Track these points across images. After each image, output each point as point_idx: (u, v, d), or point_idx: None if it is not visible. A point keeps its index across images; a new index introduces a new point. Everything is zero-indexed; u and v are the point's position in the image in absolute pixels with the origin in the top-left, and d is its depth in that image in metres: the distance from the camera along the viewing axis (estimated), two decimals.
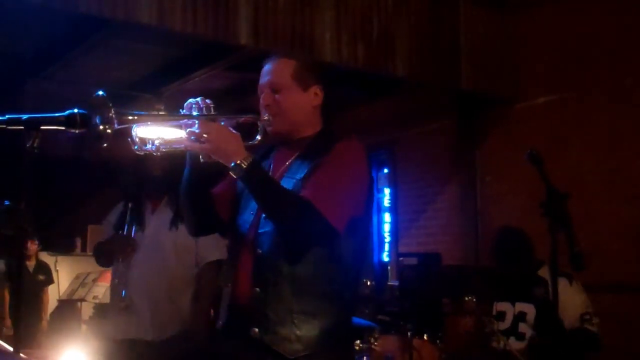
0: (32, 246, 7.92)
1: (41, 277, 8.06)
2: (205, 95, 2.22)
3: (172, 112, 2.23)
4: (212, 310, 3.79)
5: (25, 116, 2.09)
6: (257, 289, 2.19)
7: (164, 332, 3.55)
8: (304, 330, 2.15)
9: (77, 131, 2.13)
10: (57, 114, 2.15)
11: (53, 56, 5.81)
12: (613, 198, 5.47)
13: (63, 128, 2.14)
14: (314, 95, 2.35)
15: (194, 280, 3.67)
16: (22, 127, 2.08)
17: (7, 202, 2.09)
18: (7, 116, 2.12)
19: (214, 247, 3.62)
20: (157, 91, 6.45)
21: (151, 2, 4.45)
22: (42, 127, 2.13)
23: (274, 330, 2.16)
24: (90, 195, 8.81)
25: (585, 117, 5.76)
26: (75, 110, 2.12)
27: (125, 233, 3.65)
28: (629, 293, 5.18)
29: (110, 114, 1.94)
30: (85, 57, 5.69)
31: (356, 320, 4.41)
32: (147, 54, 5.89)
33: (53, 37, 5.44)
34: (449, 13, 5.98)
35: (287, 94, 2.30)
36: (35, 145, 2.09)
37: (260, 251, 2.23)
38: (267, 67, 2.35)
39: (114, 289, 3.76)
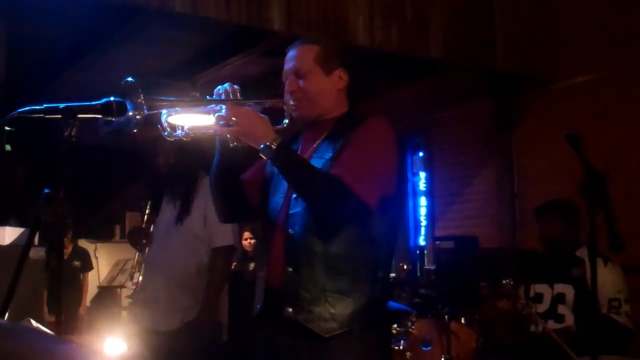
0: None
1: (77, 264, 8.10)
2: (239, 82, 2.24)
3: (193, 97, 2.25)
4: (227, 297, 3.82)
5: (62, 105, 2.12)
6: (290, 269, 2.22)
7: (178, 321, 3.58)
8: (338, 308, 2.17)
9: (113, 119, 2.16)
10: (93, 103, 2.18)
11: (88, 45, 5.87)
12: None
13: (99, 116, 2.17)
14: (338, 79, 2.37)
15: (208, 268, 3.71)
16: (60, 116, 2.11)
17: (46, 191, 2.11)
18: (44, 105, 2.15)
19: (223, 233, 3.65)
20: (192, 79, 6.48)
21: None
22: (79, 116, 2.16)
23: (308, 309, 2.18)
24: (128, 182, 8.91)
25: (625, 95, 5.64)
26: (112, 98, 2.14)
27: (143, 224, 3.74)
28: None
29: (140, 100, 1.96)
30: (119, 46, 5.73)
31: (393, 304, 4.42)
32: (180, 42, 5.92)
33: (88, 26, 5.49)
34: None
35: (311, 79, 2.32)
36: (72, 133, 2.12)
37: (291, 231, 2.25)
38: (290, 53, 2.38)
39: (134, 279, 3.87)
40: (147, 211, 3.75)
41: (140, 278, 3.73)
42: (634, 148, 5.49)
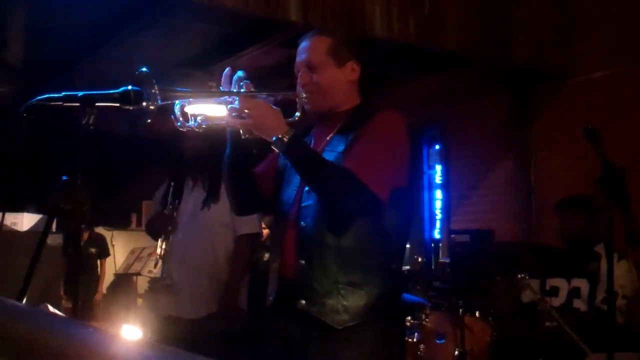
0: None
1: (93, 250, 8.13)
2: (255, 72, 2.24)
3: (206, 88, 2.25)
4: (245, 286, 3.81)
5: (80, 93, 2.13)
6: (302, 262, 2.22)
7: (204, 310, 3.58)
8: (351, 300, 2.17)
9: (131, 108, 2.17)
10: (111, 91, 2.19)
11: (107, 35, 5.89)
12: None
13: (117, 105, 2.18)
14: (351, 71, 2.35)
15: (232, 256, 3.71)
16: (78, 104, 2.12)
17: (64, 178, 2.13)
18: (63, 93, 2.16)
19: (249, 221, 3.63)
20: (209, 69, 6.49)
21: None
22: (97, 104, 2.17)
23: (320, 301, 2.18)
24: (144, 171, 8.94)
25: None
26: (129, 87, 2.15)
27: (167, 211, 3.71)
28: None
29: (154, 90, 1.97)
30: (137, 35, 5.74)
31: (408, 296, 4.42)
32: (198, 32, 5.92)
33: (106, 15, 5.50)
34: None
35: (323, 71, 2.30)
36: (90, 122, 2.14)
37: (303, 224, 2.25)
38: (303, 45, 2.36)
39: (156, 266, 3.84)
40: (169, 199, 3.73)
41: (162, 265, 3.70)
42: None
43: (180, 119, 2.15)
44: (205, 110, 2.32)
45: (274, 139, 2.12)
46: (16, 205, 4.89)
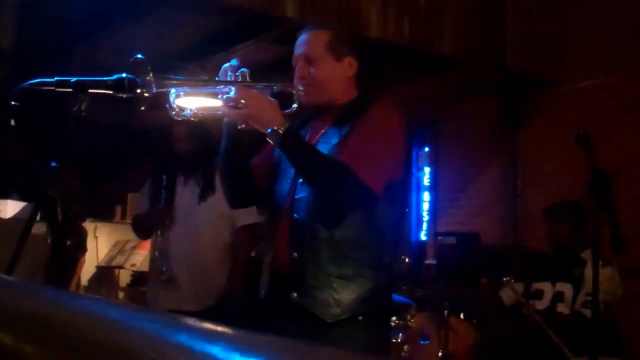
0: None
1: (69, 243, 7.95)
2: (249, 67, 2.22)
3: (202, 78, 2.24)
4: (245, 278, 3.81)
5: (73, 79, 2.12)
6: (295, 254, 2.22)
7: (205, 302, 3.58)
8: (343, 294, 2.17)
9: (124, 96, 2.16)
10: (105, 78, 2.18)
11: (101, 23, 5.86)
12: None
13: (111, 92, 2.16)
14: (348, 66, 2.36)
15: (231, 248, 3.70)
16: (70, 90, 2.10)
17: (53, 164, 2.11)
18: (55, 78, 2.15)
19: (247, 212, 3.62)
20: (202, 62, 6.46)
21: None
22: (90, 91, 2.15)
23: (312, 294, 2.18)
24: (130, 163, 8.89)
25: (633, 101, 5.63)
26: (123, 75, 2.14)
27: (161, 205, 3.70)
28: None
29: (149, 78, 1.96)
30: (131, 25, 5.72)
31: (393, 296, 4.42)
32: (192, 24, 5.90)
33: (100, 4, 5.47)
34: None
35: (321, 65, 2.31)
36: (82, 108, 2.12)
37: (296, 216, 2.25)
38: (301, 39, 2.37)
39: (154, 261, 3.79)
40: (162, 193, 3.70)
41: (160, 259, 3.67)
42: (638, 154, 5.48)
43: (176, 108, 2.14)
44: (197, 102, 2.31)
45: (269, 130, 2.12)
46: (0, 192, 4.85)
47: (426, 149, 7.60)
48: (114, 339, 0.61)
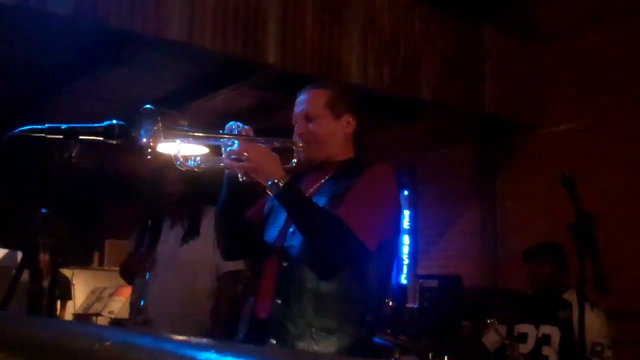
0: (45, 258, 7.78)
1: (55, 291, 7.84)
2: (230, 113, 2.27)
3: (207, 130, 2.27)
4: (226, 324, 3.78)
5: (64, 125, 2.13)
6: (279, 301, 2.22)
7: None
8: (322, 346, 2.16)
9: (115, 142, 2.17)
10: (95, 125, 2.19)
11: (80, 70, 5.87)
12: (636, 225, 5.43)
13: (101, 139, 2.18)
14: (347, 124, 2.41)
15: (214, 294, 3.68)
16: (61, 137, 2.12)
17: (43, 210, 2.11)
18: (46, 125, 2.16)
19: None
20: (182, 107, 6.49)
21: (182, 18, 4.51)
22: (80, 137, 2.17)
23: (292, 342, 2.17)
24: (108, 209, 8.83)
25: (608, 145, 5.75)
26: (114, 122, 2.16)
27: (144, 249, 3.69)
28: None
29: (157, 128, 1.98)
30: (112, 72, 5.74)
31: (377, 339, 4.41)
32: (173, 70, 5.94)
33: (80, 51, 5.50)
34: (474, 39, 6.03)
35: (320, 122, 2.37)
36: (73, 155, 2.13)
37: (285, 264, 2.26)
38: (301, 97, 2.43)
39: (133, 304, 3.76)
40: (146, 238, 3.70)
41: (139, 301, 3.65)
42: (617, 196, 5.57)
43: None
44: (183, 150, 2.33)
45: (269, 182, 2.15)
46: None
47: (405, 193, 7.65)
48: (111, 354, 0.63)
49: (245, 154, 2.15)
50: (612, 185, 5.56)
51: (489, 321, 4.01)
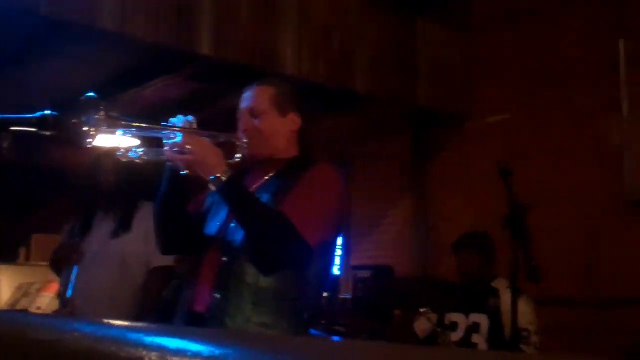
0: None
1: None
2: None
3: (150, 121, 2.25)
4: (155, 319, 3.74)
5: None
6: (218, 296, 2.22)
7: None
8: None
9: (49, 133, 2.12)
10: (29, 115, 2.14)
11: (9, 58, 5.69)
12: (563, 215, 5.59)
13: (35, 130, 2.12)
14: (292, 121, 2.44)
15: (142, 289, 3.64)
16: None
17: None
18: None
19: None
20: (112, 98, 6.35)
21: (114, 8, 4.41)
22: (12, 129, 2.11)
23: None
24: (35, 203, 8.61)
25: (538, 136, 5.89)
26: (48, 112, 2.11)
27: (72, 240, 3.62)
28: (578, 308, 5.28)
29: (100, 117, 1.95)
30: (42, 62, 5.58)
31: (313, 331, 4.43)
32: (104, 61, 5.81)
33: (10, 39, 5.32)
34: (408, 31, 6.09)
35: (265, 119, 2.38)
36: (5, 147, 2.07)
37: (225, 259, 2.26)
38: (247, 93, 2.44)
39: (60, 296, 3.70)
40: (76, 228, 3.63)
41: (66, 294, 3.58)
42: (545, 186, 5.71)
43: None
44: (112, 142, 2.30)
45: (212, 177, 2.14)
46: None
47: None
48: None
49: (188, 147, 2.14)
50: (541, 176, 5.71)
51: (421, 310, 4.08)
